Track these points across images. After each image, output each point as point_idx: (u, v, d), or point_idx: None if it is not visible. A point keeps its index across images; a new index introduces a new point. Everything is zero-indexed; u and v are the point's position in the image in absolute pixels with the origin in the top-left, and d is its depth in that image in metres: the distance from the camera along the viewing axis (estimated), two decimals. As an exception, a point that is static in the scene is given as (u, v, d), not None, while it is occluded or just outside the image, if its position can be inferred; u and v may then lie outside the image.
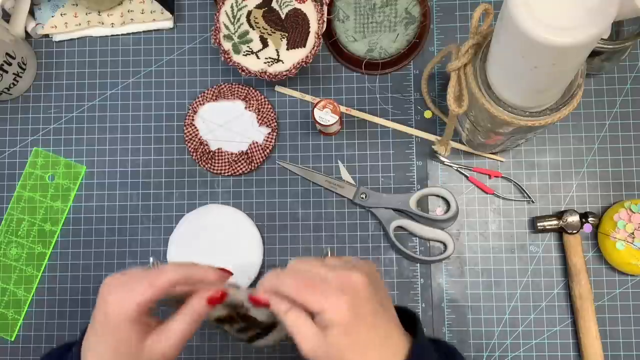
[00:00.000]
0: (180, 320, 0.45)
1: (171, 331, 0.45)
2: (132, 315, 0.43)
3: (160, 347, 0.45)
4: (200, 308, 0.46)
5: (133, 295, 0.44)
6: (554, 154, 0.71)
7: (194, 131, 0.73)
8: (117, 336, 0.44)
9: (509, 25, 0.43)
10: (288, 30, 0.68)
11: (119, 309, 0.43)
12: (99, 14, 0.75)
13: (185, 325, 0.45)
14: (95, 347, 0.45)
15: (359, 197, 0.70)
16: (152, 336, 0.45)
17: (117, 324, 0.44)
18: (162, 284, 0.44)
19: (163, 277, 0.44)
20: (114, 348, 0.44)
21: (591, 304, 0.66)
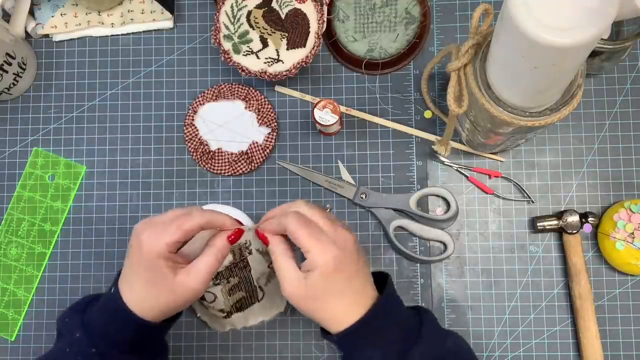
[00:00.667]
0: (205, 259, 0.52)
1: (199, 267, 0.51)
2: (163, 252, 0.50)
3: (189, 281, 0.51)
4: (222, 245, 0.53)
5: (163, 235, 0.50)
6: (554, 154, 0.71)
7: (194, 131, 0.73)
8: (150, 270, 0.50)
9: (508, 25, 0.43)
10: (288, 30, 0.68)
11: (151, 247, 0.50)
12: (99, 14, 0.75)
13: (211, 261, 0.52)
14: (130, 279, 0.52)
15: (359, 197, 0.70)
16: (182, 272, 0.51)
17: (151, 259, 0.50)
18: (189, 227, 0.51)
19: (190, 221, 0.51)
20: (147, 280, 0.51)
21: (591, 304, 0.66)
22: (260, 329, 0.70)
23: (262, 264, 0.63)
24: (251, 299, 0.65)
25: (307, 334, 0.69)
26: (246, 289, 0.63)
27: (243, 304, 0.65)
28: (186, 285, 0.51)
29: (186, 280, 0.51)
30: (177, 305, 0.53)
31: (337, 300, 0.51)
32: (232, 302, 0.63)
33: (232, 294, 0.63)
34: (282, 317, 0.70)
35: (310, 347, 0.69)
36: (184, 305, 0.54)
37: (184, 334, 0.70)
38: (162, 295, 0.52)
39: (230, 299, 0.63)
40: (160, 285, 0.51)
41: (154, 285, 0.51)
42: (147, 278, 0.51)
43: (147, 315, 0.52)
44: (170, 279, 0.51)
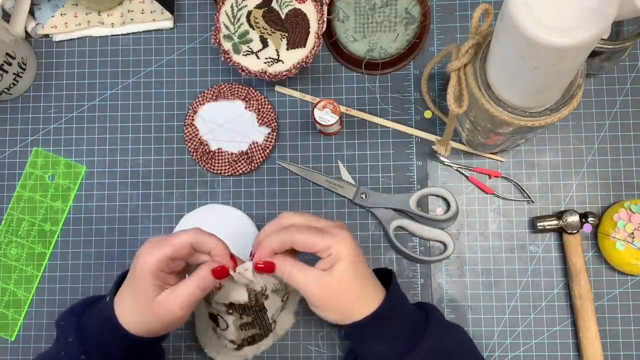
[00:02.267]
0: (187, 284, 0.52)
1: (179, 291, 0.51)
2: (152, 268, 0.50)
3: (169, 303, 0.51)
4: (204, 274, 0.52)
5: (155, 252, 0.51)
6: (554, 154, 0.71)
7: (194, 131, 0.73)
8: (139, 286, 0.51)
9: (508, 25, 0.43)
10: (288, 30, 0.68)
11: (143, 262, 0.51)
12: (99, 14, 0.75)
13: (191, 289, 0.51)
14: (123, 292, 0.53)
15: (359, 197, 0.70)
16: (164, 292, 0.51)
17: (142, 275, 0.51)
18: (178, 243, 0.51)
19: (180, 238, 0.51)
20: (134, 295, 0.52)
21: (591, 304, 0.66)
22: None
23: (277, 301, 0.60)
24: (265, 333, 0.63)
25: (308, 334, 0.69)
26: (260, 327, 0.61)
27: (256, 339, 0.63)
28: (165, 306, 0.51)
29: (165, 301, 0.51)
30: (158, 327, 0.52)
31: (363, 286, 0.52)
32: (244, 336, 0.61)
33: (244, 330, 0.60)
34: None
35: (310, 347, 0.69)
36: (166, 328, 0.53)
37: (184, 334, 0.70)
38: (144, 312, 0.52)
39: (242, 334, 0.60)
40: (142, 302, 0.51)
41: (137, 301, 0.51)
42: (134, 293, 0.52)
43: (134, 330, 0.52)
44: (151, 297, 0.51)
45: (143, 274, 0.51)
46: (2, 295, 0.72)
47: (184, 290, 0.51)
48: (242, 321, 0.59)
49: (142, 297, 0.51)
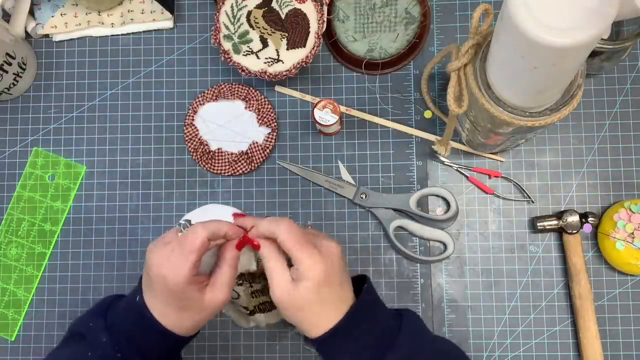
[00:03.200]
0: (223, 272, 0.55)
1: (221, 281, 0.54)
2: (187, 279, 0.52)
3: (216, 296, 0.54)
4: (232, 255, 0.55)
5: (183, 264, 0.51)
6: (554, 154, 0.71)
7: (194, 131, 0.73)
8: (181, 298, 0.52)
9: (508, 25, 0.43)
10: (288, 30, 0.68)
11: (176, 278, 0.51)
12: (99, 14, 0.75)
13: (228, 274, 0.55)
14: (161, 309, 0.54)
15: (359, 197, 0.70)
16: (208, 290, 0.54)
17: (180, 289, 0.52)
18: (198, 247, 0.52)
19: (197, 240, 0.52)
20: (181, 307, 0.53)
21: (591, 304, 0.66)
22: (260, 329, 0.70)
23: None
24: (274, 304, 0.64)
25: (307, 334, 0.69)
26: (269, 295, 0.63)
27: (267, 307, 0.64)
28: (215, 300, 0.54)
29: (213, 296, 0.54)
30: (211, 317, 0.56)
31: (321, 308, 0.52)
32: (255, 304, 0.64)
33: (255, 297, 0.63)
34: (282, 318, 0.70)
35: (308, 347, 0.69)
36: (215, 313, 0.56)
37: (184, 334, 0.70)
38: (196, 315, 0.54)
39: (254, 301, 0.63)
40: (193, 308, 0.54)
41: (188, 310, 0.54)
42: (180, 306, 0.53)
43: (183, 333, 0.55)
44: (200, 300, 0.53)
45: (183, 288, 0.52)
46: (2, 295, 0.72)
47: (224, 279, 0.54)
48: (252, 289, 0.62)
49: (192, 305, 0.53)
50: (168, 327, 0.54)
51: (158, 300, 0.54)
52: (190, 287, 0.52)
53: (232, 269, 0.55)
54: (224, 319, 0.70)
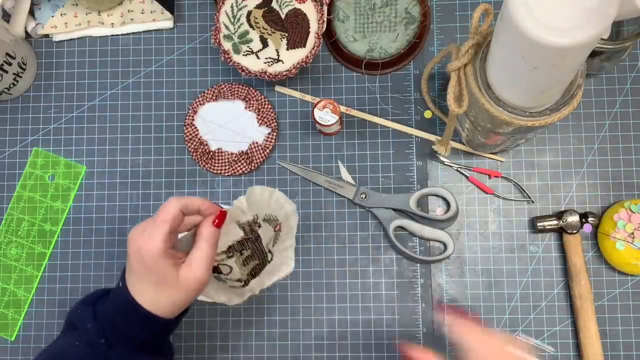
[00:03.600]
0: (199, 248, 0.54)
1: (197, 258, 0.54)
2: (162, 250, 0.52)
3: (193, 272, 0.53)
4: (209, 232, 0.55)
5: (155, 234, 0.52)
6: (554, 154, 0.71)
7: (194, 131, 0.73)
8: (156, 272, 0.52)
9: (508, 25, 0.43)
10: (288, 30, 0.68)
11: (150, 249, 0.52)
12: (99, 14, 0.75)
13: (205, 250, 0.54)
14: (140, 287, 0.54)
15: (359, 197, 0.70)
16: (184, 267, 0.54)
17: (154, 262, 0.52)
18: (170, 216, 0.53)
19: (169, 210, 0.53)
20: (156, 281, 0.53)
21: (591, 304, 0.66)
22: (260, 328, 0.70)
23: (269, 230, 0.65)
24: (263, 263, 0.67)
25: (308, 335, 0.69)
26: (259, 257, 0.65)
27: (257, 270, 0.66)
28: (191, 277, 0.54)
29: (189, 273, 0.54)
30: (189, 298, 0.55)
31: None
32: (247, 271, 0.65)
33: (247, 264, 0.65)
34: (282, 317, 0.70)
35: (310, 348, 0.69)
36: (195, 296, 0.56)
37: (184, 334, 0.70)
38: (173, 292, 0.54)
39: (246, 269, 0.65)
40: (168, 284, 0.53)
41: (163, 285, 0.53)
42: (155, 280, 0.53)
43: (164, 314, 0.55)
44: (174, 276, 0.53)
45: (155, 259, 0.52)
46: (2, 295, 0.72)
47: (201, 255, 0.54)
48: (243, 257, 0.63)
49: (164, 281, 0.53)
50: (146, 306, 0.53)
51: (135, 277, 0.54)
52: (164, 260, 0.52)
53: (209, 246, 0.55)
54: (224, 319, 0.70)
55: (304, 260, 0.70)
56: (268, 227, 0.64)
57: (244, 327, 0.70)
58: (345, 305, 0.70)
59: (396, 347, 0.60)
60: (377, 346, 0.69)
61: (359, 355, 0.69)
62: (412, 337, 0.69)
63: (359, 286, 0.70)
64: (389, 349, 0.69)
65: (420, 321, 0.69)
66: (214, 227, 0.56)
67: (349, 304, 0.70)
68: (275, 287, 0.70)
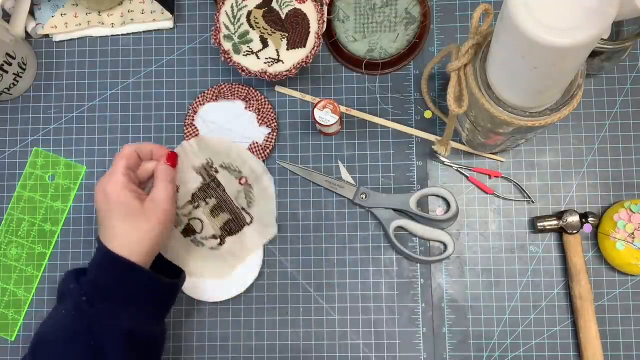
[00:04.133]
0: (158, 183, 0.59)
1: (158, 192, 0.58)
2: (123, 183, 0.56)
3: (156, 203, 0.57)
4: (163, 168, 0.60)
5: (115, 172, 0.57)
6: (554, 154, 0.71)
7: (194, 131, 0.73)
8: (121, 205, 0.55)
9: (508, 25, 0.43)
10: (288, 30, 0.68)
11: (113, 186, 0.55)
12: (99, 14, 0.75)
13: (164, 183, 0.59)
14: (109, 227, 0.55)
15: (359, 197, 0.70)
16: (147, 200, 0.57)
17: (117, 195, 0.55)
18: (125, 154, 0.58)
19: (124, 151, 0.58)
20: (123, 214, 0.55)
21: (591, 304, 0.66)
22: (260, 328, 0.70)
23: (232, 180, 0.67)
24: (239, 221, 0.68)
25: (308, 334, 0.69)
26: (229, 211, 0.67)
27: (232, 227, 0.67)
28: (156, 207, 0.56)
29: (152, 203, 0.57)
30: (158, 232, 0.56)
31: None
32: (220, 224, 0.67)
33: (216, 216, 0.66)
34: (282, 317, 0.70)
35: (310, 347, 0.69)
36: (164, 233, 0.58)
37: (184, 334, 0.70)
38: (141, 224, 0.55)
39: (216, 221, 0.66)
40: (134, 214, 0.55)
41: (130, 216, 0.55)
42: (122, 213, 0.55)
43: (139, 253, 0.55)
44: (138, 207, 0.56)
45: (117, 192, 0.55)
46: (2, 295, 0.72)
47: (160, 188, 0.58)
48: (209, 206, 0.66)
49: (130, 211, 0.55)
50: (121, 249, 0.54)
51: (105, 222, 0.56)
52: (126, 192, 0.55)
53: (167, 182, 0.59)
54: (224, 319, 0.70)
55: (304, 260, 0.70)
56: (229, 176, 0.67)
57: (244, 327, 0.70)
58: (345, 305, 0.70)
59: None
60: (377, 346, 0.69)
61: (359, 355, 0.69)
62: (412, 337, 0.69)
63: (359, 286, 0.70)
64: (389, 349, 0.69)
65: (420, 321, 0.69)
66: (168, 164, 0.60)
67: (349, 304, 0.70)
68: (275, 286, 0.69)
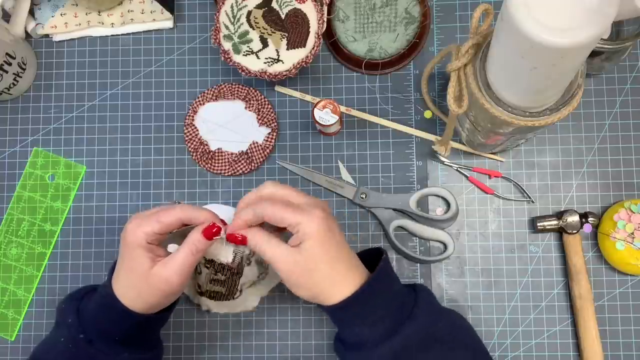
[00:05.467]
0: (180, 251, 0.53)
1: (173, 260, 0.53)
2: (141, 241, 0.52)
3: (164, 272, 0.52)
4: (196, 238, 0.53)
5: (143, 225, 0.52)
6: (554, 154, 0.71)
7: (194, 131, 0.73)
8: (131, 258, 0.53)
9: (508, 25, 0.43)
10: (288, 30, 0.68)
11: (132, 236, 0.52)
12: (99, 14, 0.75)
13: (184, 254, 0.53)
14: (118, 270, 0.55)
15: (359, 197, 0.70)
16: (159, 264, 0.53)
17: (132, 248, 0.52)
18: (167, 220, 0.53)
19: (170, 214, 0.53)
20: (129, 267, 0.53)
21: (591, 304, 0.66)
22: (261, 328, 0.70)
23: (254, 273, 0.64)
24: (227, 297, 0.67)
25: (308, 334, 0.69)
26: (227, 288, 0.66)
27: (217, 297, 0.67)
28: (161, 275, 0.52)
29: (161, 271, 0.53)
30: (157, 299, 0.54)
31: (332, 269, 0.52)
32: (210, 289, 0.66)
33: (212, 284, 0.65)
34: (282, 317, 0.70)
35: (310, 347, 0.69)
36: (164, 299, 0.55)
37: (184, 334, 0.70)
38: (141, 286, 0.53)
39: (209, 286, 0.65)
40: (138, 274, 0.53)
41: (133, 273, 0.53)
42: (128, 266, 0.53)
43: (134, 306, 0.54)
44: (146, 268, 0.52)
45: (134, 246, 0.52)
46: (2, 295, 0.72)
47: (178, 257, 0.53)
48: (214, 277, 0.64)
49: (137, 270, 0.53)
50: (120, 293, 0.53)
51: (119, 263, 0.54)
52: (141, 250, 0.52)
53: (190, 252, 0.53)
54: (224, 319, 0.70)
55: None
56: (254, 271, 0.64)
57: (244, 327, 0.70)
58: (345, 305, 0.70)
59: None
60: (377, 346, 0.69)
61: (359, 355, 0.69)
62: (412, 337, 0.69)
63: (359, 286, 0.70)
64: (389, 349, 0.69)
65: (420, 321, 0.69)
66: (203, 236, 0.53)
67: (349, 304, 0.70)
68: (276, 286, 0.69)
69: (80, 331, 0.54)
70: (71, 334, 0.54)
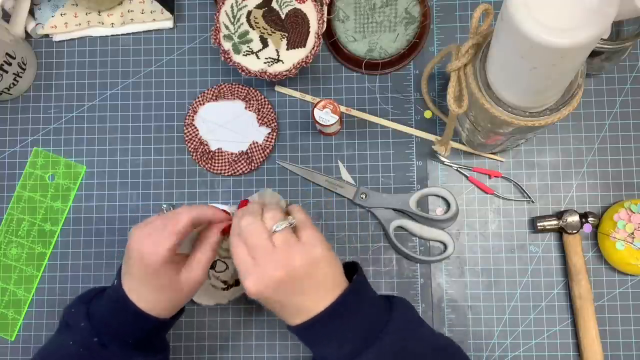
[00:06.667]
0: (203, 252, 0.56)
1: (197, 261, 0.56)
2: (165, 258, 0.52)
3: (193, 276, 0.55)
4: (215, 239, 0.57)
5: (162, 243, 0.52)
6: (554, 154, 0.71)
7: (194, 131, 0.73)
8: (157, 278, 0.53)
9: (508, 25, 0.43)
10: (288, 30, 0.68)
11: (154, 256, 0.52)
12: (99, 14, 0.75)
13: (208, 254, 0.56)
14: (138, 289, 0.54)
15: (359, 197, 0.70)
16: (185, 270, 0.55)
17: (156, 268, 0.52)
18: (181, 229, 0.53)
19: (180, 222, 0.53)
20: (157, 287, 0.54)
21: (591, 304, 0.66)
22: (261, 328, 0.70)
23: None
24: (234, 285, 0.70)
25: (307, 334, 0.69)
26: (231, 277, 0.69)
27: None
28: (191, 280, 0.55)
29: (190, 276, 0.55)
30: (187, 298, 0.57)
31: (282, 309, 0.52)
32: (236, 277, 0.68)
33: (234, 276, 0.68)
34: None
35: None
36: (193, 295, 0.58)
37: (184, 334, 0.70)
38: (173, 296, 0.55)
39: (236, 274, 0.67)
40: (169, 288, 0.54)
41: (164, 290, 0.54)
42: (156, 285, 0.54)
43: (161, 314, 0.55)
44: (175, 280, 0.54)
45: (159, 267, 0.53)
46: (2, 295, 0.72)
47: (202, 258, 0.56)
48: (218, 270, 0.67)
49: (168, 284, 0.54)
50: (144, 308, 0.54)
51: (135, 280, 0.54)
52: (167, 267, 0.53)
53: (212, 251, 0.56)
54: (224, 319, 0.70)
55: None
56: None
57: (244, 327, 0.70)
58: (345, 305, 0.70)
59: None
60: (377, 346, 0.69)
61: (359, 355, 0.69)
62: (412, 337, 0.69)
63: (359, 286, 0.70)
64: (389, 349, 0.69)
65: (420, 321, 0.69)
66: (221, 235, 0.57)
67: (349, 304, 0.70)
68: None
69: (93, 335, 0.54)
70: (83, 338, 0.54)
